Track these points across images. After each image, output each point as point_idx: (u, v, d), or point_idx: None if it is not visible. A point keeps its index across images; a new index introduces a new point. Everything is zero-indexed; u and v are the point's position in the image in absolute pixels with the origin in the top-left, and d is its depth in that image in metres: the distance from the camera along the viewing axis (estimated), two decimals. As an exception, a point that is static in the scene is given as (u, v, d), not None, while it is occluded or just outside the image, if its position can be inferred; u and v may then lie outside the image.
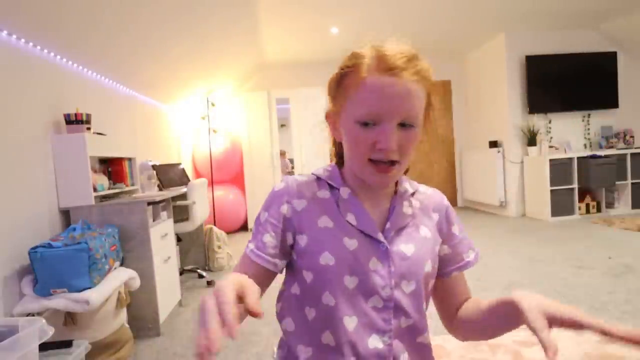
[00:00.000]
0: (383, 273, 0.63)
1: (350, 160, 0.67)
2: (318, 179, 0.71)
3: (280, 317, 0.69)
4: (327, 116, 0.71)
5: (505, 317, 0.60)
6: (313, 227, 0.65)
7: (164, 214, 2.48)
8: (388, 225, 0.66)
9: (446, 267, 0.73)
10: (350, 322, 0.61)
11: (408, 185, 0.73)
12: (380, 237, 0.64)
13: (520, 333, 1.84)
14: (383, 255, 0.64)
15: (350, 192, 0.68)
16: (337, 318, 0.61)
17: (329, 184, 0.70)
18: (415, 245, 0.67)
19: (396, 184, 0.72)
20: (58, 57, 2.22)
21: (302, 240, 0.65)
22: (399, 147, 0.60)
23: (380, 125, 0.60)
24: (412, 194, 0.73)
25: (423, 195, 0.74)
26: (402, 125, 0.60)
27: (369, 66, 0.61)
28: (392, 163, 0.61)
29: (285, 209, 0.67)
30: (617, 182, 4.51)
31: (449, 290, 0.74)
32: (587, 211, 4.66)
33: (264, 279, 0.66)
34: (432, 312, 0.73)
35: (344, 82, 0.64)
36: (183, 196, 2.92)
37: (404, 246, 0.66)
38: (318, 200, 0.68)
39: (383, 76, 0.59)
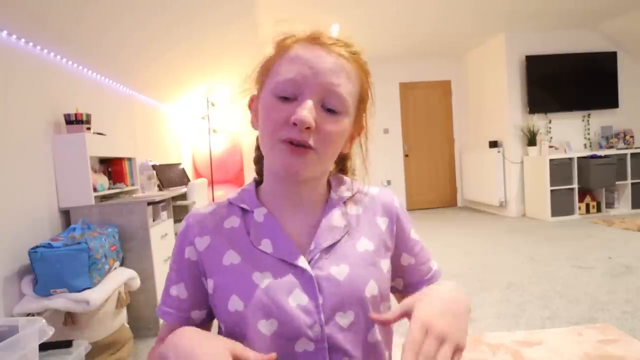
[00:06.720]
0: (309, 307, 0.51)
1: (262, 145, 0.56)
2: (230, 204, 0.60)
3: None
4: (250, 102, 0.61)
5: None
6: (218, 266, 0.55)
7: (164, 214, 2.47)
8: (312, 245, 0.55)
9: (412, 279, 0.63)
10: None
11: (345, 188, 0.62)
12: (302, 262, 0.53)
13: (520, 333, 1.84)
14: (307, 284, 0.52)
15: (266, 213, 0.57)
16: None
17: (241, 208, 0.59)
18: (350, 264, 0.54)
19: (330, 190, 0.61)
20: (58, 57, 2.22)
21: (210, 286, 0.56)
22: (318, 130, 0.51)
23: (299, 100, 0.51)
24: (350, 198, 0.61)
25: (367, 198, 0.62)
26: (327, 110, 0.52)
27: (297, 38, 0.54)
28: (307, 148, 0.51)
29: (188, 252, 0.57)
30: (617, 182, 4.51)
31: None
32: (587, 211, 4.66)
33: None
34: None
35: (267, 61, 0.57)
36: (183, 196, 2.92)
37: (334, 268, 0.54)
38: (225, 231, 0.57)
39: (309, 45, 0.52)
